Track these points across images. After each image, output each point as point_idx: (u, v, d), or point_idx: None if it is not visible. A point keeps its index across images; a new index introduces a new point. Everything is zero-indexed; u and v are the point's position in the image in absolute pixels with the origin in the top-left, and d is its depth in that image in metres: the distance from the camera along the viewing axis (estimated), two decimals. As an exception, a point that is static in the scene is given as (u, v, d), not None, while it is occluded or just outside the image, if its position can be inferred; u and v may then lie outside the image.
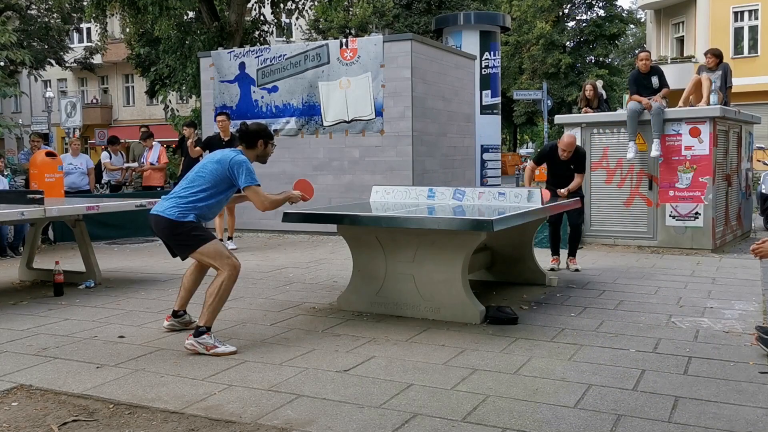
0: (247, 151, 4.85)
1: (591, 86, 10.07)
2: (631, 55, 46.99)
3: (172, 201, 4.68)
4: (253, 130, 4.89)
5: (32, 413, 3.50)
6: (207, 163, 4.76)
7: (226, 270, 4.60)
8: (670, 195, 8.93)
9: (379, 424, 3.29)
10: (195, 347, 4.49)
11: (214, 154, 4.81)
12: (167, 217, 4.62)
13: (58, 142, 31.23)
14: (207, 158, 4.85)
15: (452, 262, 5.24)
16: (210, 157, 4.82)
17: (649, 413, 3.38)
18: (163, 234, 4.75)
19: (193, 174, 4.76)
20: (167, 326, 5.14)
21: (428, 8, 30.22)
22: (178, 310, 5.16)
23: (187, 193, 4.67)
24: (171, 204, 4.66)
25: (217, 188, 4.70)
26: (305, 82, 11.09)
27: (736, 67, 10.66)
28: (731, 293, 6.24)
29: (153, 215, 4.73)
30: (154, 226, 4.76)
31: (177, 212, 4.62)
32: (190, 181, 4.72)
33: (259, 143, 4.86)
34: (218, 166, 4.68)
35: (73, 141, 12.02)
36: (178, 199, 4.67)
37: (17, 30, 23.26)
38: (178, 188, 4.76)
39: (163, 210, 4.65)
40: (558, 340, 4.70)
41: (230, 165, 4.66)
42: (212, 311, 4.59)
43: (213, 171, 4.68)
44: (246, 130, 4.89)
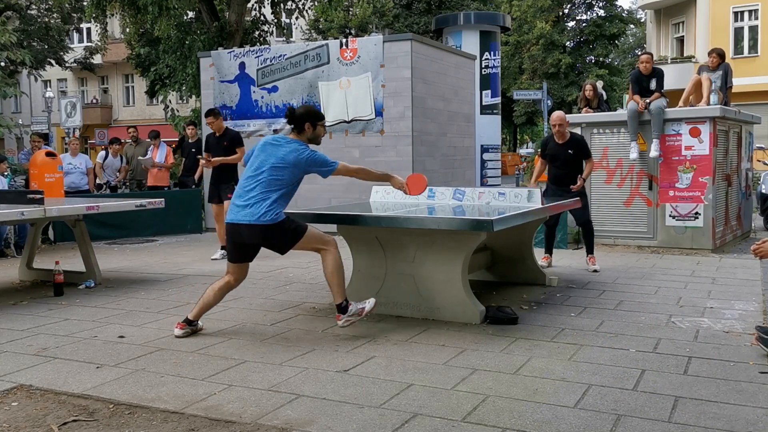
0: (299, 136, 4.90)
1: (591, 86, 10.08)
2: (631, 55, 47.01)
3: (256, 206, 4.66)
4: (298, 114, 4.91)
5: (32, 413, 3.50)
6: (281, 167, 4.71)
7: (330, 247, 4.83)
8: (670, 195, 8.93)
9: (379, 424, 3.29)
10: (351, 321, 4.84)
11: (283, 156, 4.72)
12: (264, 224, 4.66)
13: (58, 142, 31.23)
14: (271, 157, 4.74)
15: (452, 262, 5.24)
16: (279, 158, 4.72)
17: (649, 413, 3.38)
18: (258, 239, 4.76)
19: (267, 176, 4.70)
20: (182, 334, 4.89)
21: (428, 8, 30.23)
22: (193, 321, 4.98)
23: (272, 197, 4.69)
24: (257, 210, 4.65)
25: (296, 184, 4.85)
26: (305, 82, 11.09)
27: (736, 67, 10.66)
28: (731, 293, 6.24)
29: (242, 224, 4.69)
30: (246, 235, 4.73)
31: (270, 216, 4.66)
32: (266, 185, 4.69)
33: (306, 126, 4.88)
34: (296, 170, 4.75)
35: (73, 141, 12.03)
36: (262, 203, 4.67)
37: (17, 30, 23.26)
38: (252, 191, 4.70)
39: (253, 218, 4.65)
40: (558, 340, 4.70)
41: (307, 164, 4.77)
42: (340, 286, 4.84)
43: (292, 174, 4.75)
44: (292, 115, 4.91)
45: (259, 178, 4.73)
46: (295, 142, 4.83)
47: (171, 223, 11.41)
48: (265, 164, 4.75)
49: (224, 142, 8.65)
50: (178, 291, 6.67)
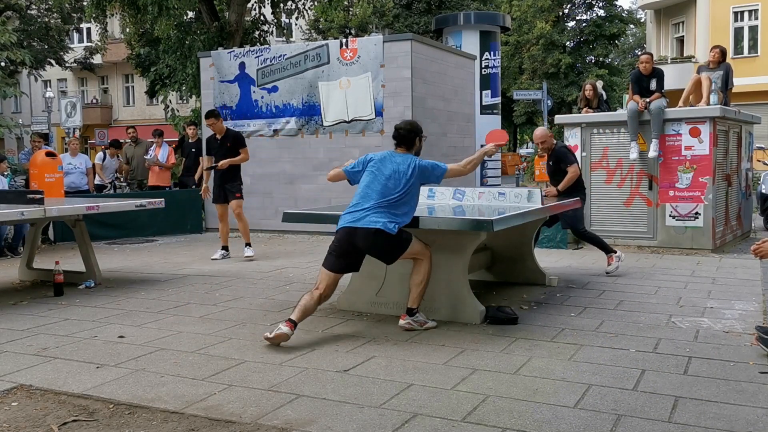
0: (408, 151, 5.11)
1: (591, 86, 10.07)
2: (631, 55, 46.99)
3: (384, 215, 4.80)
4: (409, 130, 5.13)
5: (32, 413, 3.50)
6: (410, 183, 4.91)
7: (426, 258, 4.98)
8: (670, 195, 8.93)
9: (379, 424, 3.29)
10: (412, 325, 4.94)
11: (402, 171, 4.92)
12: (389, 233, 4.78)
13: (58, 142, 31.21)
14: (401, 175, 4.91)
15: (452, 262, 5.24)
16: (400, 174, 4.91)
17: (649, 413, 3.37)
18: (376, 246, 4.84)
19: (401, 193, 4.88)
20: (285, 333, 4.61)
21: (428, 8, 30.22)
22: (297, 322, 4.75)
23: (400, 211, 4.88)
24: (386, 219, 4.79)
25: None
26: (305, 82, 11.09)
27: (736, 67, 10.65)
28: (731, 293, 6.23)
29: (371, 229, 4.77)
30: (369, 240, 4.79)
31: (393, 226, 4.81)
32: (397, 199, 4.87)
33: (417, 141, 5.13)
34: (416, 181, 4.95)
35: (72, 141, 12.03)
36: (392, 215, 4.83)
37: (17, 30, 23.26)
38: (383, 201, 4.84)
39: (382, 225, 4.76)
40: (558, 340, 4.70)
41: (420, 173, 4.96)
42: (421, 294, 5.00)
43: (415, 187, 4.98)
44: (404, 135, 5.11)
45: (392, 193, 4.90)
46: (403, 156, 5.06)
47: (171, 223, 11.41)
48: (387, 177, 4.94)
49: (227, 144, 8.63)
50: (178, 291, 6.67)
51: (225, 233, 8.91)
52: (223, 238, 8.91)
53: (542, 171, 21.47)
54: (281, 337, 4.58)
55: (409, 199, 4.97)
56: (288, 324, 4.63)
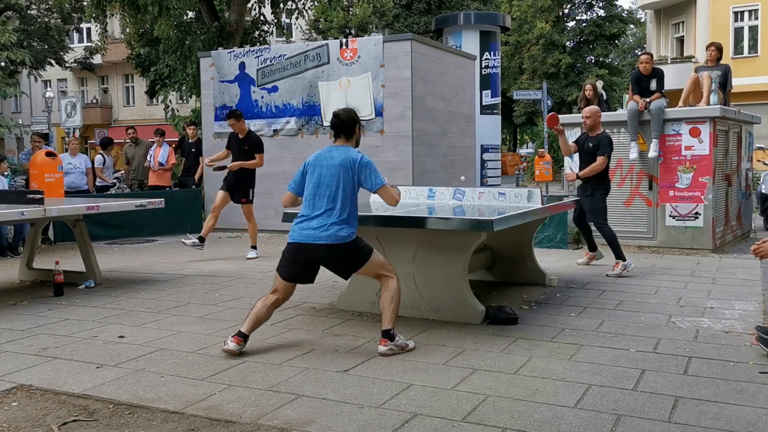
0: (348, 142, 4.68)
1: (591, 86, 10.07)
2: (631, 55, 46.98)
3: (336, 223, 4.44)
4: (350, 117, 4.67)
5: (32, 413, 3.50)
6: (340, 176, 4.50)
7: (393, 275, 4.62)
8: (670, 195, 8.93)
9: (379, 424, 3.29)
10: (393, 350, 4.47)
11: (334, 162, 4.52)
12: (346, 243, 4.47)
13: (58, 142, 31.22)
14: (329, 169, 4.52)
15: (452, 262, 5.24)
16: (333, 168, 4.52)
17: (649, 413, 3.37)
18: (337, 259, 4.52)
19: (333, 191, 4.48)
20: (236, 349, 4.46)
21: (428, 8, 30.21)
22: (247, 334, 4.57)
23: (345, 213, 4.48)
24: (338, 227, 4.44)
25: (355, 195, 4.61)
26: (305, 82, 11.09)
27: (736, 67, 10.66)
28: (731, 293, 6.23)
29: (324, 245, 4.41)
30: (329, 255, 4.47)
31: (347, 233, 4.47)
32: (331, 200, 4.47)
33: (356, 130, 4.70)
34: (348, 176, 4.51)
35: (72, 141, 12.02)
36: (343, 221, 4.47)
37: (17, 30, 23.25)
38: (323, 209, 4.46)
39: (336, 238, 4.42)
40: (558, 340, 4.70)
41: (359, 168, 4.52)
42: (395, 312, 4.57)
43: (350, 183, 4.51)
44: (345, 121, 4.66)
45: (324, 195, 4.51)
46: (345, 150, 4.62)
47: (171, 223, 11.40)
48: (328, 178, 4.53)
49: (245, 146, 8.57)
50: (178, 291, 6.67)
51: (209, 226, 8.68)
52: (205, 230, 8.69)
53: (542, 171, 21.48)
54: (229, 352, 4.44)
55: (354, 199, 4.58)
56: (235, 339, 4.46)
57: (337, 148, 4.64)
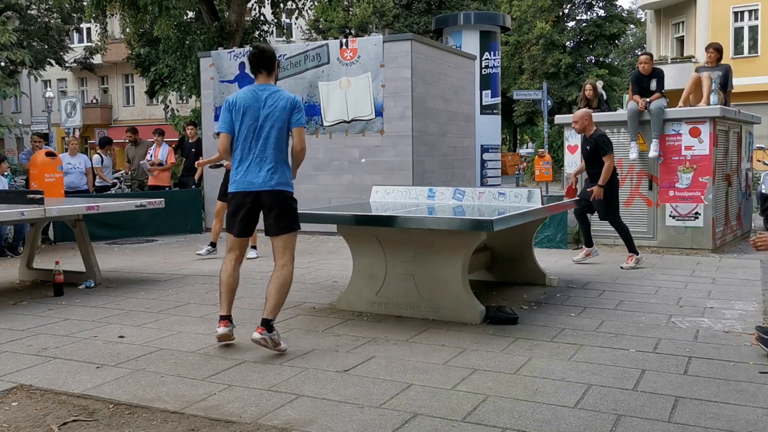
0: (269, 78, 4.61)
1: (590, 86, 10.08)
2: (631, 55, 47.00)
3: (278, 169, 4.45)
4: (272, 52, 4.60)
5: (32, 413, 3.50)
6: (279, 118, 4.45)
7: (292, 264, 4.57)
8: (670, 195, 8.93)
9: (379, 424, 3.29)
10: (267, 342, 4.36)
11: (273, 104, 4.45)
12: (289, 191, 4.53)
13: (58, 142, 31.23)
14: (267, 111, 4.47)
15: (452, 262, 5.24)
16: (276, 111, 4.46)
17: (649, 413, 3.37)
18: (279, 207, 4.49)
19: (276, 133, 4.45)
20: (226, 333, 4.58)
21: (428, 8, 30.22)
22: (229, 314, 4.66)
23: (286, 158, 4.49)
24: (280, 173, 4.47)
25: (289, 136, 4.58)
26: (305, 82, 11.09)
27: (736, 67, 10.65)
28: (731, 293, 6.24)
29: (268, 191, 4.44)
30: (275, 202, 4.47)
31: (289, 182, 4.55)
32: (278, 145, 4.46)
33: (276, 65, 4.64)
34: (285, 117, 4.48)
35: (72, 141, 12.03)
36: (285, 166, 4.49)
37: (17, 30, 23.26)
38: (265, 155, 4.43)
39: (281, 184, 4.46)
40: (558, 340, 4.70)
41: (295, 106, 4.50)
42: (280, 304, 4.51)
43: (286, 124, 4.48)
44: (268, 55, 4.57)
45: (262, 137, 4.48)
46: (272, 87, 4.55)
47: (171, 223, 11.41)
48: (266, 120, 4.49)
49: None
50: (178, 291, 6.67)
51: (217, 231, 8.78)
52: (213, 234, 8.88)
53: (542, 171, 21.49)
54: (224, 338, 4.59)
55: (288, 141, 4.54)
56: (222, 323, 4.59)
57: (264, 87, 4.55)
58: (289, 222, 4.56)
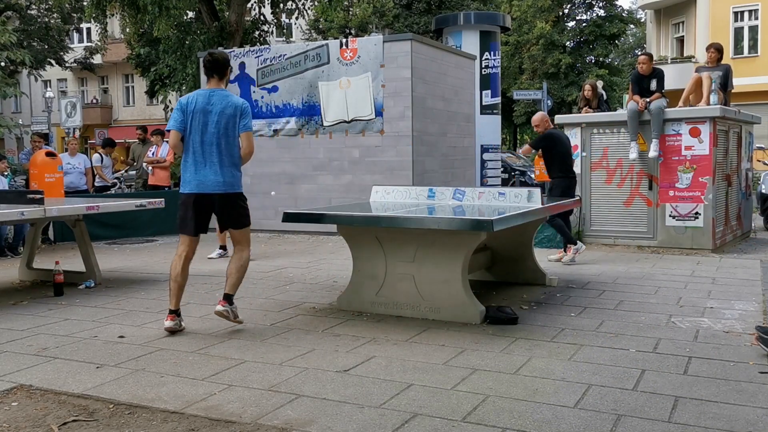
0: (221, 82, 4.90)
1: (590, 86, 10.09)
2: (631, 55, 46.96)
3: (229, 170, 4.81)
4: (225, 59, 4.91)
5: (32, 413, 3.50)
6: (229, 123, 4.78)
7: (248, 247, 5.09)
8: (670, 195, 8.93)
9: (379, 424, 3.29)
10: (228, 314, 4.98)
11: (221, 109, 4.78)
12: (240, 192, 4.92)
13: (58, 142, 31.24)
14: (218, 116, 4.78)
15: (452, 262, 5.24)
16: (225, 116, 4.78)
17: (649, 413, 3.38)
18: (231, 208, 4.92)
19: (225, 139, 4.79)
20: (173, 326, 4.97)
21: (428, 8, 30.20)
22: (177, 309, 5.06)
23: (237, 160, 4.85)
24: (231, 174, 4.83)
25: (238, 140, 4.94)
26: (305, 82, 11.09)
27: (736, 67, 10.66)
28: (731, 293, 6.24)
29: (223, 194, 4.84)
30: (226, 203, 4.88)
31: (239, 180, 4.91)
32: (228, 146, 4.78)
33: (228, 71, 4.94)
34: (234, 121, 4.80)
35: (71, 141, 12.03)
36: (235, 168, 4.85)
37: (17, 30, 23.26)
38: (214, 158, 4.78)
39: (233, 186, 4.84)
40: (558, 340, 4.70)
41: (242, 112, 4.81)
42: (239, 282, 5.08)
43: (234, 129, 4.82)
44: (219, 61, 4.86)
45: (213, 143, 4.80)
46: (222, 92, 4.86)
47: (171, 223, 11.33)
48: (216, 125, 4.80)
49: None
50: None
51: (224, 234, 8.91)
52: (220, 238, 8.94)
53: (542, 171, 21.48)
54: (171, 330, 4.92)
55: (237, 143, 4.88)
56: (170, 317, 4.94)
57: (214, 92, 4.84)
58: (243, 219, 5.06)
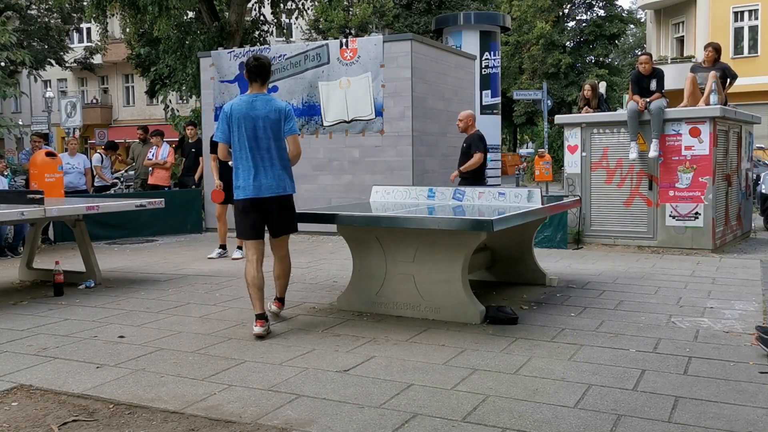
0: (263, 87, 4.91)
1: (590, 86, 10.10)
2: (631, 55, 46.98)
3: (280, 174, 4.85)
4: (270, 64, 4.92)
5: (32, 413, 3.50)
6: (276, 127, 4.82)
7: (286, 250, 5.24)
8: (670, 195, 8.93)
9: (379, 424, 3.29)
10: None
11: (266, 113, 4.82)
12: (291, 193, 4.99)
13: (58, 142, 31.23)
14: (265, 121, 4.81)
15: (452, 262, 5.24)
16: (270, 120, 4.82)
17: (649, 413, 3.38)
18: (287, 210, 5.00)
19: (274, 142, 4.82)
20: (263, 332, 4.81)
21: (428, 8, 30.22)
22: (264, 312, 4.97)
23: (287, 163, 4.90)
24: (283, 179, 4.87)
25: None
26: (305, 82, 11.09)
27: (736, 68, 10.64)
28: (731, 293, 6.23)
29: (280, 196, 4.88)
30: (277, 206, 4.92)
31: (291, 185, 4.99)
32: (278, 150, 4.83)
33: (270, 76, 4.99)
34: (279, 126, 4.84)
35: (71, 141, 12.02)
36: (284, 171, 4.89)
37: (17, 30, 23.26)
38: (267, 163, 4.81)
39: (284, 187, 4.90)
40: (558, 340, 4.70)
41: (286, 115, 4.85)
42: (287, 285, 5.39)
43: (281, 132, 4.87)
44: (265, 66, 4.86)
45: (264, 147, 4.82)
46: (270, 98, 4.91)
47: (171, 223, 11.41)
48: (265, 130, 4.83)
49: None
50: (178, 291, 6.67)
51: (223, 233, 9.04)
52: (221, 237, 9.01)
53: (542, 171, 21.49)
54: (261, 335, 4.83)
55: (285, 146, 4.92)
56: (259, 322, 4.84)
57: (257, 97, 4.86)
58: (295, 223, 5.15)
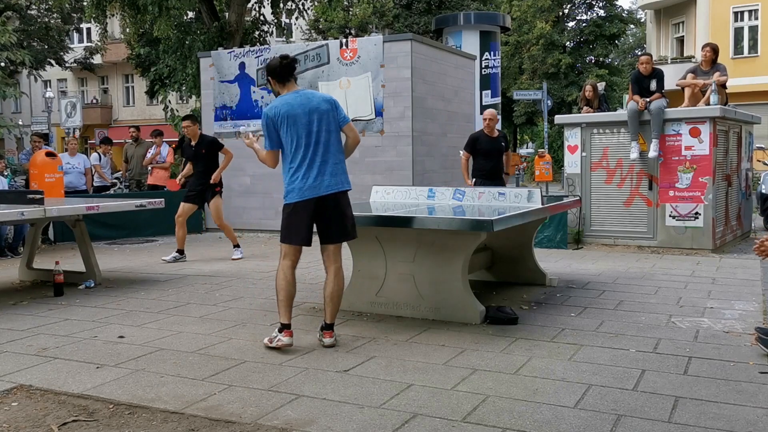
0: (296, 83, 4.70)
1: (591, 86, 10.10)
2: (631, 56, 46.97)
3: (338, 169, 4.55)
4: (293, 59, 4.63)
5: (32, 413, 3.50)
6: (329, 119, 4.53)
7: (341, 261, 4.74)
8: (670, 195, 8.93)
9: (379, 424, 3.29)
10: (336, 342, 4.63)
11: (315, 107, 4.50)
12: (349, 189, 4.65)
13: (58, 142, 31.22)
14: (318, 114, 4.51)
15: (452, 262, 5.24)
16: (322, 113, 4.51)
17: (649, 413, 3.37)
18: (343, 206, 4.61)
19: (331, 134, 4.52)
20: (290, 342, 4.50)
21: (428, 8, 30.20)
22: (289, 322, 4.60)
23: (342, 156, 4.63)
24: (341, 174, 4.57)
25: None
26: (305, 83, 11.08)
27: (737, 67, 10.69)
28: (731, 293, 6.23)
29: (335, 193, 4.51)
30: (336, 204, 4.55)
31: (348, 180, 4.67)
32: (334, 142, 4.52)
33: None
34: (332, 116, 4.57)
35: (71, 141, 12.02)
36: (341, 165, 4.59)
37: (17, 30, 23.26)
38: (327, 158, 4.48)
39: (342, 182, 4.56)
40: (558, 340, 4.70)
41: (335, 105, 4.62)
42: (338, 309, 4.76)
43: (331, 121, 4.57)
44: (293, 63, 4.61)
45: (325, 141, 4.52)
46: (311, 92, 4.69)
47: (171, 223, 11.34)
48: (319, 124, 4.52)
49: (201, 150, 8.68)
50: (178, 291, 6.67)
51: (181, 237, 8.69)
52: (179, 242, 8.70)
53: (542, 171, 21.48)
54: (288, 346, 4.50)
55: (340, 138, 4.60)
56: (287, 333, 4.51)
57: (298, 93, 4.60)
58: (354, 228, 4.74)
